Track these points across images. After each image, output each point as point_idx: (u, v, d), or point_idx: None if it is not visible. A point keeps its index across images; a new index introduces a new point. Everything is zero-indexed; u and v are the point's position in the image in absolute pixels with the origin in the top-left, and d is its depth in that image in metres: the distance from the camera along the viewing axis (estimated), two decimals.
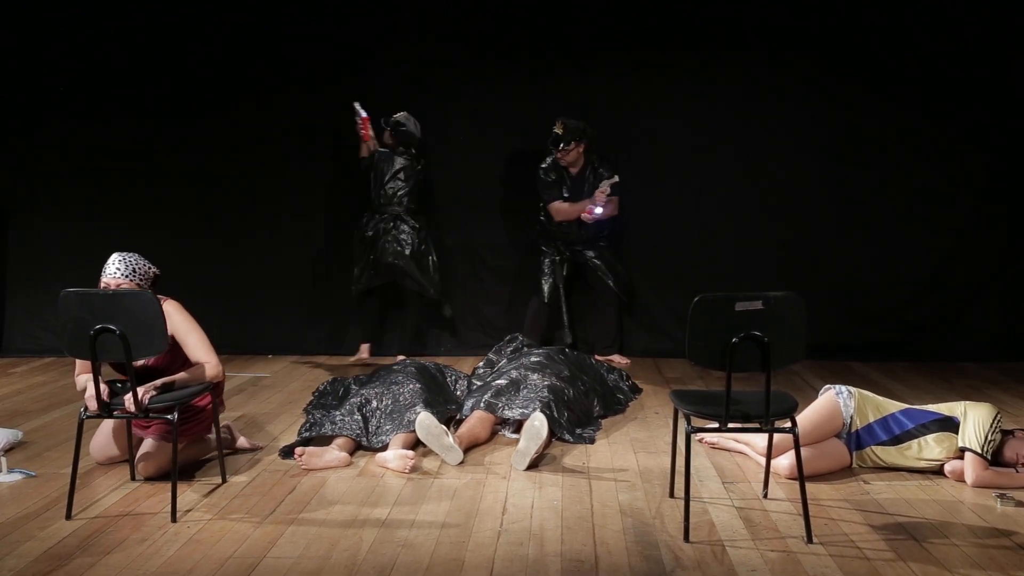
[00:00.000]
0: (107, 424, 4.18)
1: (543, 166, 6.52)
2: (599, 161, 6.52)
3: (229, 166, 6.89)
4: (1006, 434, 4.00)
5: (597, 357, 6.13)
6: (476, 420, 4.62)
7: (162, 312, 3.55)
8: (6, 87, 6.86)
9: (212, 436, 4.17)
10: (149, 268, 3.98)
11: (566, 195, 6.50)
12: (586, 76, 6.85)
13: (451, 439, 4.28)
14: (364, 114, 6.26)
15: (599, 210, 6.38)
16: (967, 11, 6.57)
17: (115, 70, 6.82)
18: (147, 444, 4.02)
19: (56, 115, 6.87)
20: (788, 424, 3.49)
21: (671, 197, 6.87)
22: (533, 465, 4.20)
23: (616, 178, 6.40)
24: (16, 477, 4.05)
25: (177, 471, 3.65)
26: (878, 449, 4.09)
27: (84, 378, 3.86)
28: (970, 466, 3.91)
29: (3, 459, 4.10)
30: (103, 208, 6.92)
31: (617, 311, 6.78)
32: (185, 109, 6.84)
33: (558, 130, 6.34)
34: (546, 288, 6.63)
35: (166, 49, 6.80)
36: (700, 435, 4.48)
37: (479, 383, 5.22)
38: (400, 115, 6.43)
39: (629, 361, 6.60)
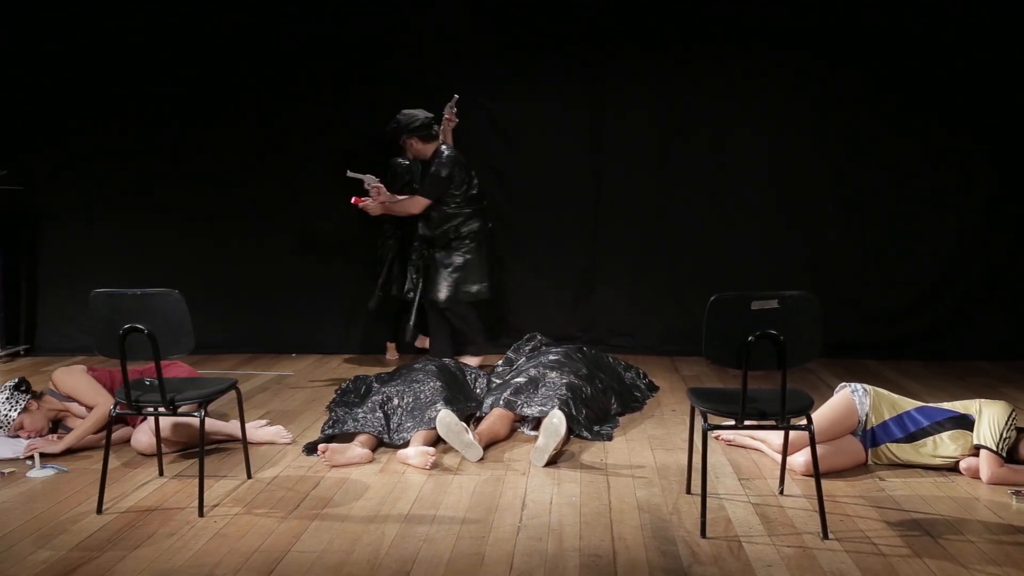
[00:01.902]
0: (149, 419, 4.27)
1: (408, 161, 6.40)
2: (439, 150, 6.18)
3: (257, 167, 6.93)
4: (1021, 431, 4.01)
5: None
6: (495, 417, 4.66)
7: (188, 313, 3.63)
8: (40, 93, 6.93)
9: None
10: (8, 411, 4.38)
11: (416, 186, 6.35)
12: (587, 77, 6.81)
13: (471, 436, 4.31)
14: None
15: (359, 201, 6.22)
16: (970, 11, 6.51)
17: (137, 75, 6.87)
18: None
19: (88, 120, 6.92)
20: (804, 421, 3.49)
21: (676, 197, 6.85)
22: (552, 462, 4.24)
23: (369, 175, 6.24)
24: (49, 472, 4.13)
25: (204, 468, 3.70)
26: (893, 446, 4.10)
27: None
28: (985, 463, 3.91)
29: (36, 455, 4.19)
30: (131, 212, 7.00)
31: (462, 316, 6.39)
32: (209, 112, 6.88)
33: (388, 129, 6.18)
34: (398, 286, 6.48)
35: (189, 53, 6.85)
36: (716, 432, 4.50)
37: (498, 381, 5.26)
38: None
39: (480, 359, 6.31)
